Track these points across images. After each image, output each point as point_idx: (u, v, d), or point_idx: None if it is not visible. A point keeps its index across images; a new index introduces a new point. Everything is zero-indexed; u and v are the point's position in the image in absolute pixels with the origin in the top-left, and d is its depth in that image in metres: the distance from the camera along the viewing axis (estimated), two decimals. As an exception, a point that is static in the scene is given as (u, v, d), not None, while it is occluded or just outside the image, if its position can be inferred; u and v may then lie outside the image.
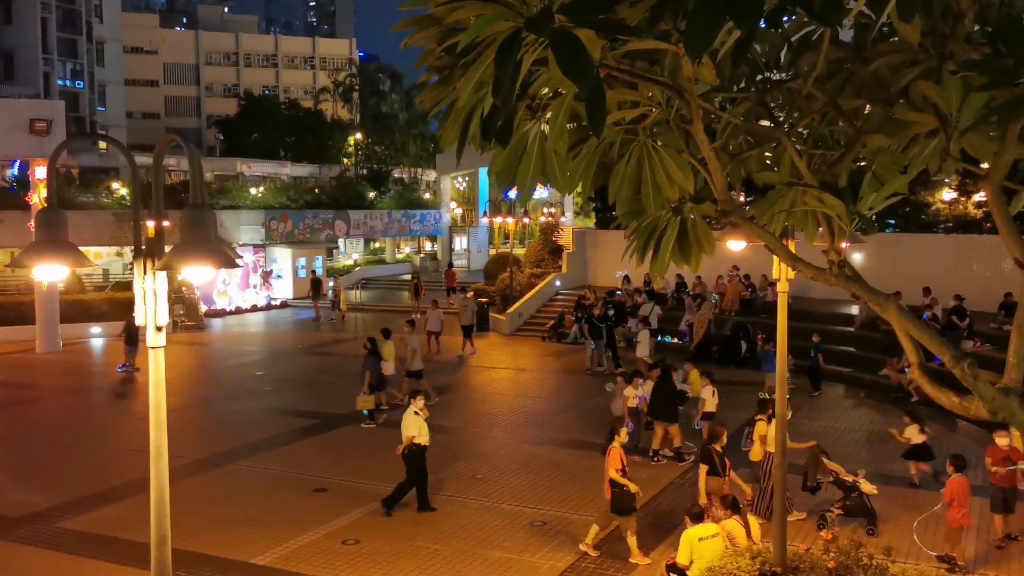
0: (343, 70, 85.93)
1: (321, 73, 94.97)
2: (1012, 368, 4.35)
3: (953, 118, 4.27)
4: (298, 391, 22.21)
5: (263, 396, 22.00)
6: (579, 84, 3.20)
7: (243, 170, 65.75)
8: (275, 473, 15.54)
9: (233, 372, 26.17)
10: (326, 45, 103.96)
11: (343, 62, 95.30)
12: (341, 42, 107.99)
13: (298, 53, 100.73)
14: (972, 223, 28.95)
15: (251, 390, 22.75)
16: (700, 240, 4.91)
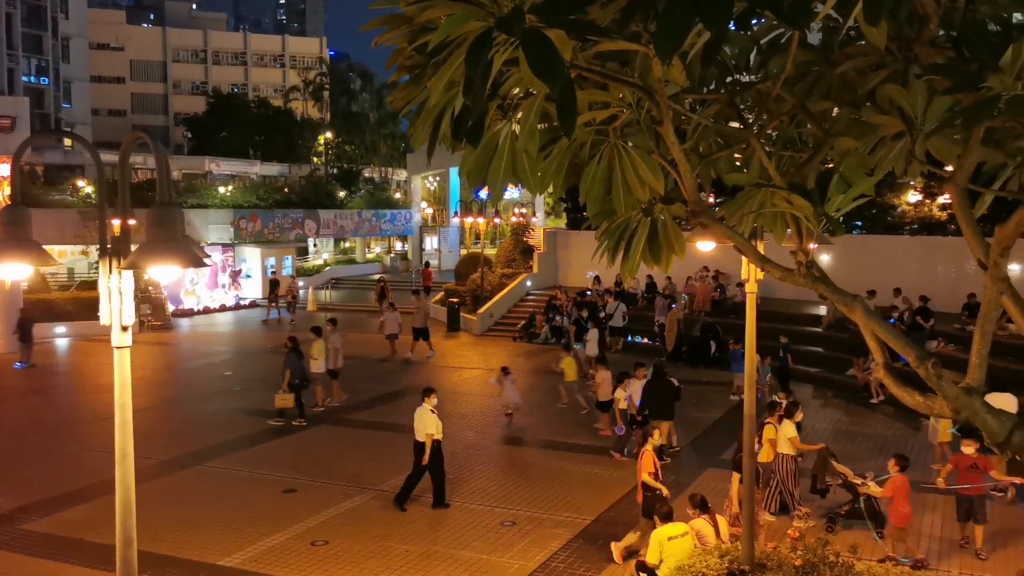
0: (313, 68, 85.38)
1: (291, 71, 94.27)
2: (975, 368, 4.41)
3: (918, 121, 4.32)
4: (267, 391, 21.93)
5: (231, 396, 21.81)
6: (550, 85, 3.20)
7: (212, 169, 65.15)
8: (243, 474, 15.41)
9: (201, 372, 25.93)
10: (296, 43, 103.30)
11: (313, 60, 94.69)
12: (311, 40, 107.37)
13: (268, 51, 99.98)
14: (937, 225, 29.40)
15: (219, 390, 22.54)
16: (670, 241, 4.93)
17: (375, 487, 14.56)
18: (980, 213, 5.38)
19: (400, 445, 17.19)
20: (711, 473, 15.33)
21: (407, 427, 18.56)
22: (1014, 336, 17.96)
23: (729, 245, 5.70)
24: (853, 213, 32.21)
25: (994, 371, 16.59)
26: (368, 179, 68.48)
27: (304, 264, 50.57)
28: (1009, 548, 11.99)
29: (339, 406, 20.36)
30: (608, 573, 11.19)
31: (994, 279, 4.35)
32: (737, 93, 5.18)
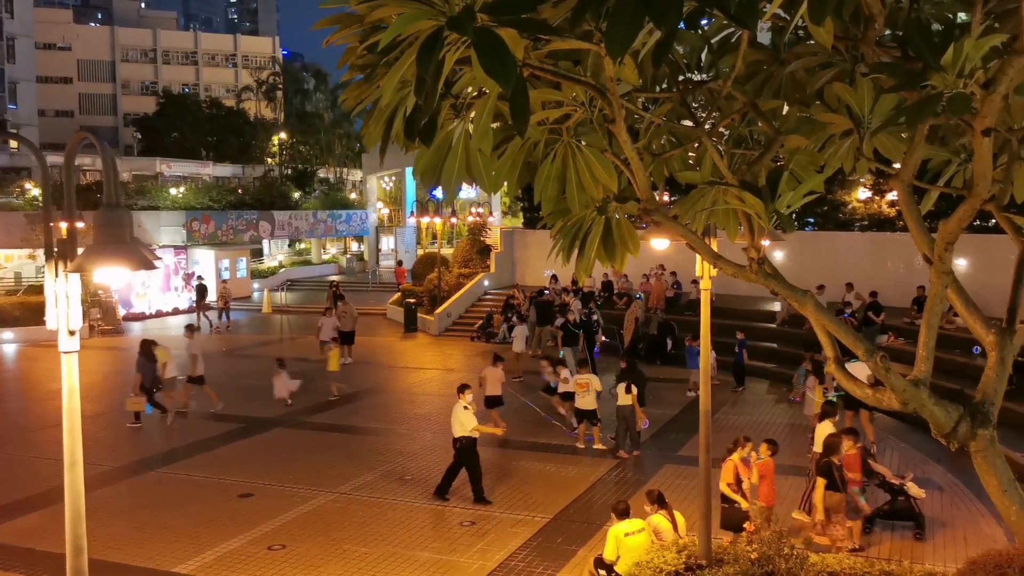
0: (266, 68, 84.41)
1: (243, 71, 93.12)
2: (922, 360, 4.50)
3: (865, 119, 4.40)
4: (221, 395, 21.70)
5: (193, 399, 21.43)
6: (502, 84, 3.20)
7: (163, 170, 64.16)
8: (198, 479, 15.20)
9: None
10: (248, 43, 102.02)
11: (266, 60, 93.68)
12: (264, 40, 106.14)
13: (219, 50, 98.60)
14: (886, 221, 29.93)
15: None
16: (625, 239, 4.96)
17: (332, 490, 14.44)
18: (927, 209, 5.50)
19: (357, 447, 17.13)
20: (669, 469, 15.46)
21: (364, 429, 18.58)
22: (961, 329, 18.32)
23: (684, 243, 5.75)
24: (805, 210, 32.72)
25: (942, 363, 16.95)
26: (323, 180, 67.96)
27: (259, 266, 50.03)
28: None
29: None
30: (567, 570, 11.23)
31: (939, 273, 4.44)
32: (689, 92, 5.23)
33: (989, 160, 4.11)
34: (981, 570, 6.84)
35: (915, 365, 4.49)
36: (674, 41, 4.56)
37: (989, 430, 4.37)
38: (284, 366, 21.01)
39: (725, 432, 17.52)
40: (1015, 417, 16.52)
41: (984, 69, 3.76)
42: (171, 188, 47.94)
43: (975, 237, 23.06)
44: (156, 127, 74.91)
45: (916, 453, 16.09)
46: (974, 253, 23.39)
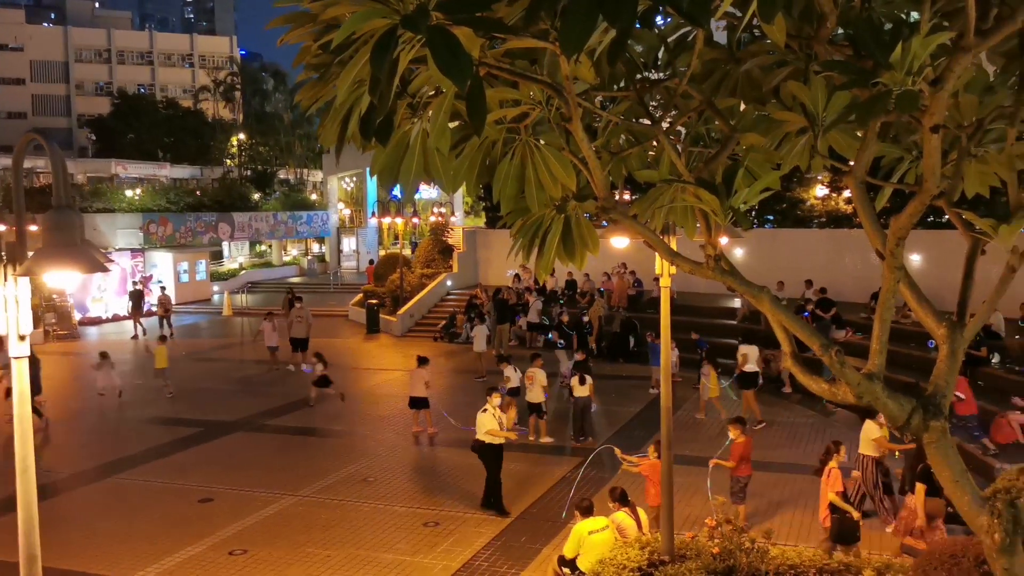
0: (224, 68, 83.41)
1: (200, 71, 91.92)
2: (875, 354, 4.57)
3: (819, 117, 4.45)
4: (180, 399, 21.46)
5: (143, 406, 21.16)
6: (457, 83, 3.19)
7: (118, 172, 63.15)
8: (157, 485, 14.99)
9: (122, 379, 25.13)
10: (205, 42, 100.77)
11: (223, 60, 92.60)
12: (221, 39, 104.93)
13: (175, 50, 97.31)
14: (844, 218, 30.37)
15: (130, 400, 21.85)
16: (584, 238, 4.97)
17: (294, 493, 14.32)
18: (881, 206, 5.58)
19: (319, 449, 17.01)
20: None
21: (326, 431, 18.45)
22: (916, 324, 18.62)
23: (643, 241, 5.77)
24: (764, 208, 33.13)
25: (898, 357, 17.28)
26: (283, 181, 67.40)
27: (219, 268, 49.48)
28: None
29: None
30: (532, 569, 11.24)
31: (891, 268, 4.51)
32: (646, 91, 5.25)
33: (938, 156, 4.18)
34: (937, 559, 6.97)
35: (869, 359, 4.55)
36: (629, 40, 4.58)
37: (941, 422, 4.45)
38: (108, 358, 21.23)
39: (688, 429, 17.71)
40: (969, 409, 16.82)
41: (933, 67, 3.83)
42: (127, 190, 47.21)
43: (930, 233, 23.48)
44: (111, 128, 73.66)
45: (874, 446, 16.31)
46: (929, 249, 23.82)
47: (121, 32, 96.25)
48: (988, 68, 4.92)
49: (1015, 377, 17.29)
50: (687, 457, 15.55)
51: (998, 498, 4.55)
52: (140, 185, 54.19)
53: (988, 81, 4.88)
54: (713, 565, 8.33)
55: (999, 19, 3.75)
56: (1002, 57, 4.72)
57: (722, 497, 9.83)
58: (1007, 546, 4.44)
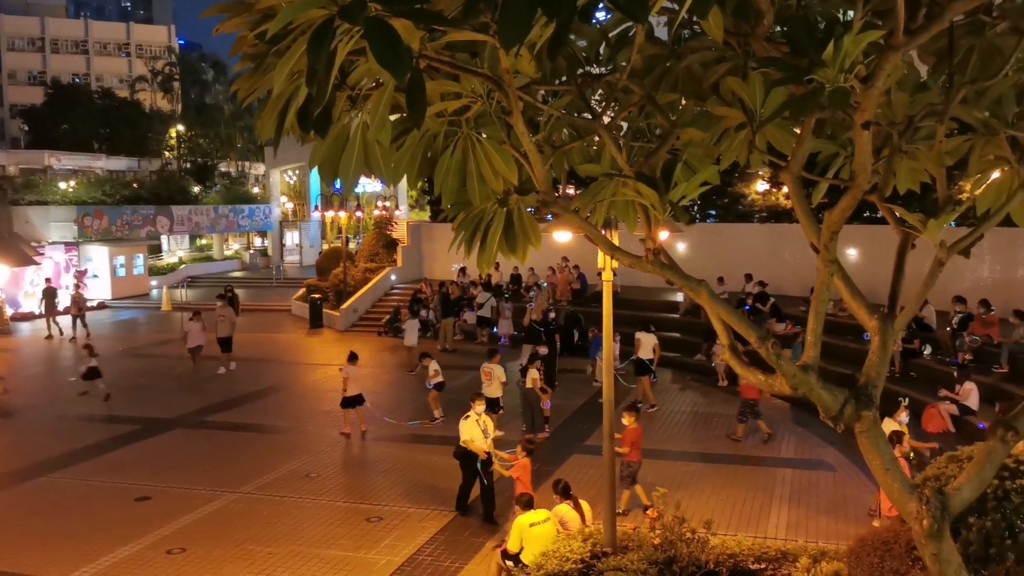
0: (161, 58, 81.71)
1: (137, 61, 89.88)
2: (810, 346, 4.66)
3: (757, 113, 4.52)
4: (117, 396, 20.99)
5: (78, 403, 20.66)
6: (395, 75, 3.16)
7: (52, 163, 61.39)
8: (93, 484, 14.66)
9: (43, 379, 24.54)
10: (142, 31, 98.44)
11: (161, 49, 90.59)
12: (158, 28, 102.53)
13: (111, 39, 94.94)
14: (784, 213, 30.92)
15: (64, 397, 21.33)
16: (526, 231, 4.97)
17: (235, 490, 14.12)
18: (818, 201, 5.69)
19: (260, 446, 16.79)
20: (576, 459, 15.63)
21: (268, 427, 18.22)
22: (852, 316, 19.04)
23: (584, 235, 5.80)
24: (706, 203, 33.58)
25: (835, 350, 17.62)
26: (224, 174, 66.24)
27: (157, 263, 48.50)
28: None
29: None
30: (476, 563, 11.25)
31: (825, 262, 4.60)
32: (588, 85, 5.28)
33: (869, 152, 4.27)
34: (869, 546, 7.14)
35: (804, 351, 4.64)
36: (571, 34, 4.59)
37: (872, 411, 4.56)
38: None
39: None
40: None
41: (865, 64, 3.91)
42: (61, 182, 46.04)
43: (866, 228, 24.03)
44: (45, 119, 71.50)
45: (812, 436, 16.68)
46: (865, 244, 24.37)
47: (55, 20, 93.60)
48: (920, 67, 5.05)
49: (946, 368, 17.78)
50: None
51: (927, 485, 4.68)
52: (74, 177, 52.77)
53: (919, 79, 5.00)
54: (654, 556, 8.42)
55: (928, 18, 3.84)
56: (933, 56, 4.84)
57: (663, 488, 9.92)
58: (935, 532, 4.57)
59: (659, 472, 14.47)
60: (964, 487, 4.67)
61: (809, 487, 13.89)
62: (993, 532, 6.14)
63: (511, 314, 27.95)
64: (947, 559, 4.68)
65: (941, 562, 4.68)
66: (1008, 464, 6.21)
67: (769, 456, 15.68)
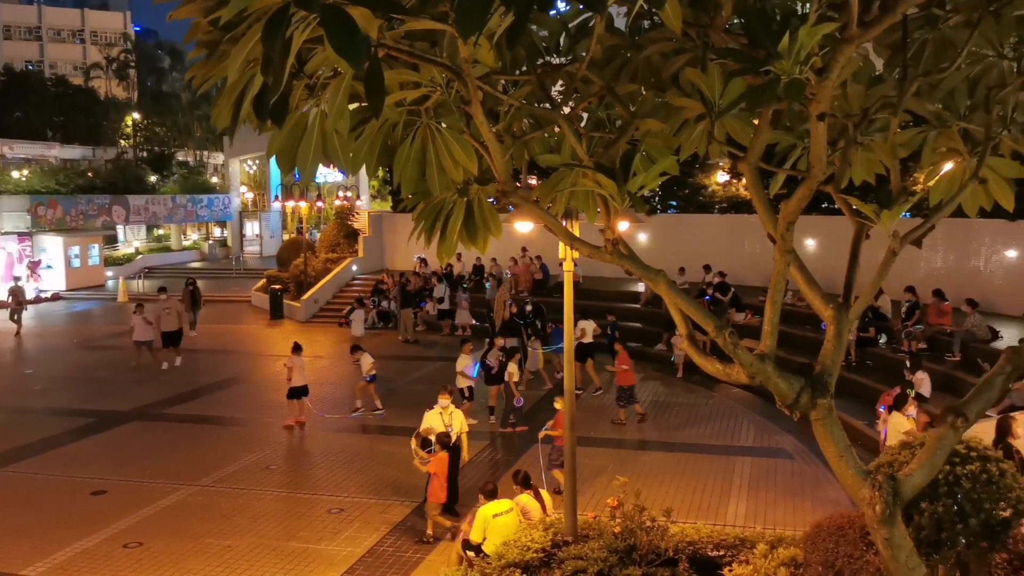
0: (117, 45, 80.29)
1: (92, 48, 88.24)
2: (767, 336, 4.71)
3: (716, 104, 4.55)
4: (73, 389, 20.67)
5: (32, 396, 20.31)
6: (352, 64, 3.13)
7: (4, 152, 60.01)
8: (47, 478, 14.41)
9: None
10: (97, 17, 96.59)
11: (117, 36, 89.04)
12: (114, 15, 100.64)
13: (65, 26, 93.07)
14: (744, 203, 31.17)
15: (17, 389, 20.96)
16: (487, 221, 4.96)
17: (193, 483, 13.97)
18: (776, 191, 5.74)
19: (219, 438, 16.63)
20: (536, 449, 15.66)
21: (227, 419, 18.04)
22: (810, 306, 19.32)
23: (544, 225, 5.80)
24: (667, 193, 33.76)
25: (793, 339, 17.79)
26: (182, 163, 65.29)
27: (113, 253, 47.72)
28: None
29: None
30: (437, 553, 11.25)
31: (781, 252, 4.65)
32: (548, 75, 5.27)
33: (824, 143, 4.32)
34: (825, 531, 7.25)
35: (761, 340, 4.69)
36: (532, 24, 4.58)
37: (827, 399, 4.63)
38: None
39: (592, 412, 17.97)
40: (858, 387, 17.58)
41: (820, 56, 3.95)
42: (13, 171, 45.09)
43: (824, 219, 24.32)
44: (-4, 106, 70.06)
45: (770, 425, 16.90)
46: (823, 234, 24.67)
47: (8, 5, 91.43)
48: (876, 60, 5.11)
49: (900, 356, 18.08)
50: (591, 439, 15.83)
51: (880, 471, 4.76)
52: (28, 166, 51.74)
53: (875, 72, 5.07)
54: (615, 544, 8.47)
55: (882, 11, 3.89)
56: (888, 49, 4.91)
57: (623, 477, 9.99)
58: (887, 517, 4.65)
59: (619, 461, 14.57)
60: (915, 473, 4.76)
61: (768, 475, 14.08)
62: (944, 517, 6.26)
63: (468, 304, 28.00)
64: (899, 543, 4.77)
65: (893, 546, 4.77)
66: (959, 450, 6.34)
67: (729, 445, 15.86)
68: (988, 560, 6.58)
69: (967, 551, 6.42)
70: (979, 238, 22.32)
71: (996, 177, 4.94)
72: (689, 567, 8.65)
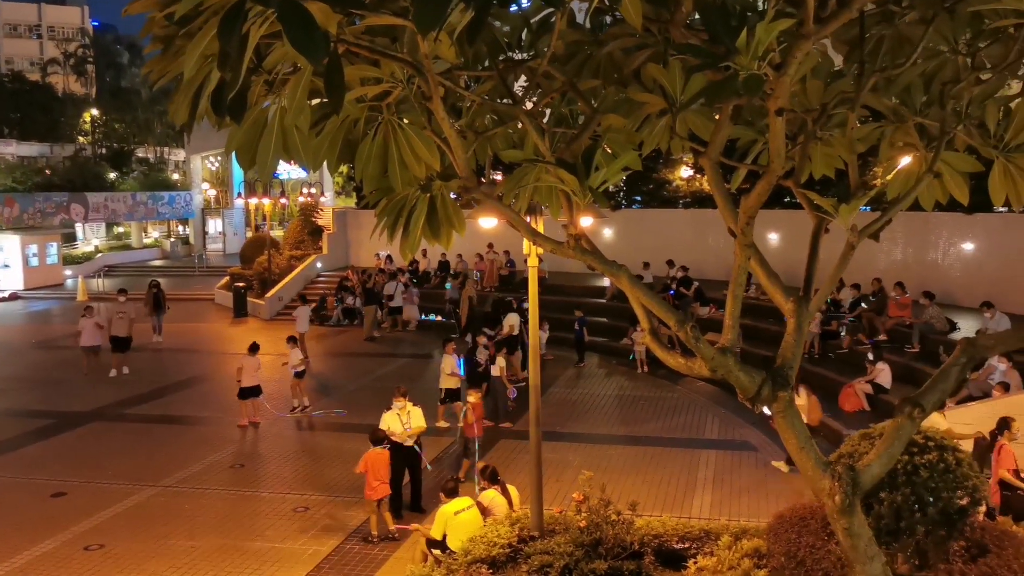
0: (74, 40, 78.99)
1: (49, 43, 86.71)
2: (728, 329, 4.75)
3: (677, 99, 4.57)
4: (30, 390, 20.33)
5: (-10, 398, 19.94)
6: (311, 60, 3.11)
7: (-41, 149, 59.06)
8: (5, 480, 14.16)
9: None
10: (54, 12, 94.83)
11: (74, 31, 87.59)
12: (71, 9, 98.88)
13: (21, 20, 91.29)
14: (707, 198, 31.39)
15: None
16: (450, 217, 4.95)
17: (155, 483, 13.81)
18: (737, 186, 5.78)
19: (182, 438, 16.44)
20: (504, 444, 15.71)
21: (191, 419, 17.84)
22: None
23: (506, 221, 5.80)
24: (632, 189, 33.91)
25: (757, 332, 17.95)
26: (142, 160, 64.46)
27: (72, 251, 46.97)
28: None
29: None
30: (403, 550, 11.22)
31: (742, 246, 4.68)
32: (510, 71, 5.26)
33: (782, 138, 4.36)
34: (788, 522, 7.34)
35: (722, 334, 4.73)
36: (488, 19, 4.57)
37: (788, 392, 4.67)
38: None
39: (558, 406, 18.02)
40: (820, 380, 17.81)
41: (778, 52, 3.98)
42: (-31, 169, 44.20)
43: (786, 213, 24.57)
44: (-49, 102, 68.63)
45: (734, 417, 17.06)
46: (785, 229, 24.94)
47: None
48: (835, 56, 5.17)
49: (862, 349, 18.34)
50: (556, 433, 15.87)
51: (839, 462, 4.82)
52: (-17, 163, 50.83)
53: (833, 68, 5.12)
54: (581, 538, 8.51)
55: (838, 6, 3.93)
56: (845, 45, 4.96)
57: (589, 472, 10.03)
58: (847, 507, 4.71)
59: (585, 455, 14.63)
60: (874, 463, 4.83)
61: (732, 467, 14.21)
62: (903, 506, 6.37)
63: (417, 299, 28.24)
64: (858, 532, 4.83)
65: (853, 535, 4.83)
66: (917, 440, 6.44)
67: (693, 438, 15.98)
68: (946, 547, 6.70)
69: (925, 539, 6.54)
70: (937, 231, 22.69)
71: (951, 171, 5.01)
72: (655, 560, 8.72)
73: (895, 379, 16.39)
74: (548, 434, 14.07)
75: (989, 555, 6.77)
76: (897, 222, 4.89)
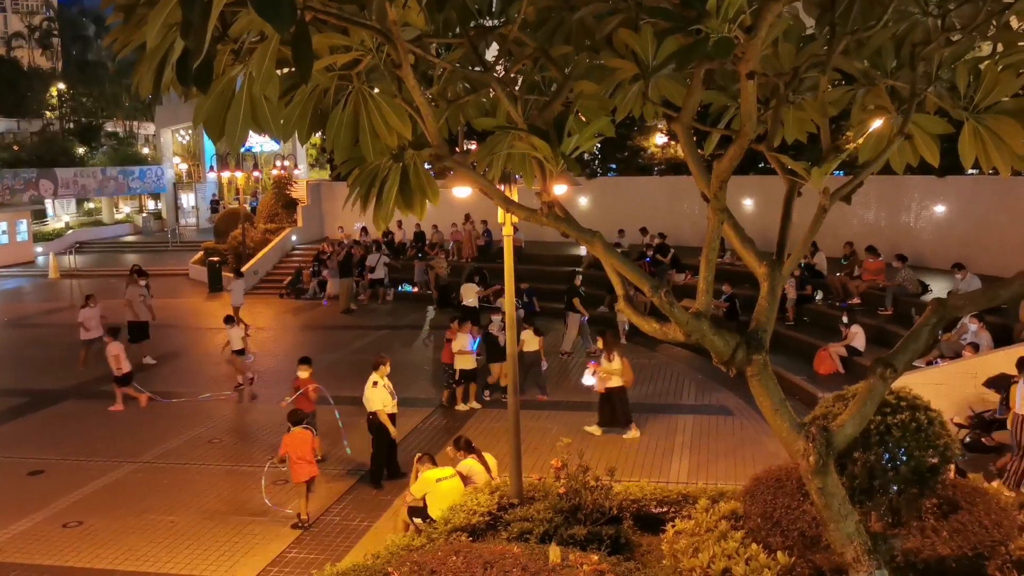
0: (39, 13, 77.45)
1: (13, 16, 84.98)
2: (702, 294, 4.77)
3: (650, 64, 4.54)
4: (4, 368, 20.14)
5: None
6: (276, 27, 3.06)
7: (-77, 125, 57.96)
8: (-19, 460, 14.07)
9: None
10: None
11: (39, 4, 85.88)
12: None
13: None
14: (682, 165, 31.43)
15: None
16: (423, 186, 4.91)
17: (134, 459, 13.76)
18: (711, 151, 5.78)
19: (160, 414, 16.36)
20: (482, 412, 15.78)
21: (168, 394, 17.70)
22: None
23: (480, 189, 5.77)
24: (607, 156, 33.89)
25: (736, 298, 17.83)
26: (111, 134, 63.57)
27: (42, 228, 46.39)
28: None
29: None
30: (384, 520, 11.26)
31: (715, 211, 4.70)
32: (481, 38, 5.21)
33: (753, 102, 4.36)
34: (764, 484, 7.43)
35: (696, 299, 4.75)
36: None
37: (762, 355, 4.72)
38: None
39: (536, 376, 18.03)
40: (795, 343, 17.99)
41: (750, 15, 3.97)
42: (-67, 145, 43.41)
43: (760, 178, 24.66)
44: (-87, 78, 67.20)
45: (711, 382, 17.20)
46: (760, 194, 25.02)
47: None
48: (807, 20, 5.16)
49: (836, 312, 18.51)
50: (534, 402, 15.94)
51: (814, 424, 4.88)
52: (-53, 140, 49.92)
53: (805, 31, 5.11)
54: (560, 504, 8.57)
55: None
56: (817, 8, 4.95)
57: (567, 438, 10.11)
58: (821, 467, 4.78)
59: (564, 422, 14.71)
60: (847, 424, 4.89)
61: (709, 431, 14.35)
62: (876, 465, 6.46)
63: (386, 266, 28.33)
64: (832, 492, 4.90)
65: (827, 495, 4.90)
66: (889, 400, 6.53)
67: (670, 403, 16.10)
68: (918, 505, 6.81)
69: (898, 497, 6.64)
70: (909, 194, 22.85)
71: (922, 133, 5.03)
72: (633, 524, 8.82)
73: (869, 342, 16.57)
74: (526, 402, 14.14)
75: (960, 511, 6.89)
76: (869, 185, 4.90)
